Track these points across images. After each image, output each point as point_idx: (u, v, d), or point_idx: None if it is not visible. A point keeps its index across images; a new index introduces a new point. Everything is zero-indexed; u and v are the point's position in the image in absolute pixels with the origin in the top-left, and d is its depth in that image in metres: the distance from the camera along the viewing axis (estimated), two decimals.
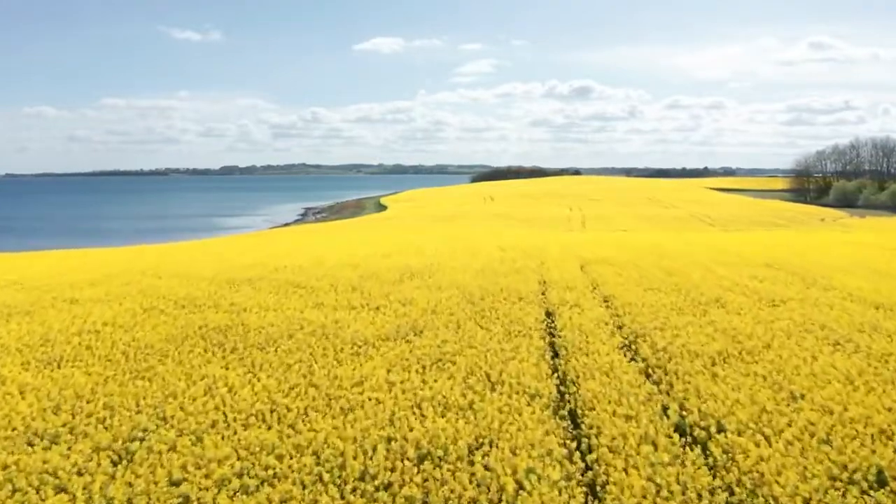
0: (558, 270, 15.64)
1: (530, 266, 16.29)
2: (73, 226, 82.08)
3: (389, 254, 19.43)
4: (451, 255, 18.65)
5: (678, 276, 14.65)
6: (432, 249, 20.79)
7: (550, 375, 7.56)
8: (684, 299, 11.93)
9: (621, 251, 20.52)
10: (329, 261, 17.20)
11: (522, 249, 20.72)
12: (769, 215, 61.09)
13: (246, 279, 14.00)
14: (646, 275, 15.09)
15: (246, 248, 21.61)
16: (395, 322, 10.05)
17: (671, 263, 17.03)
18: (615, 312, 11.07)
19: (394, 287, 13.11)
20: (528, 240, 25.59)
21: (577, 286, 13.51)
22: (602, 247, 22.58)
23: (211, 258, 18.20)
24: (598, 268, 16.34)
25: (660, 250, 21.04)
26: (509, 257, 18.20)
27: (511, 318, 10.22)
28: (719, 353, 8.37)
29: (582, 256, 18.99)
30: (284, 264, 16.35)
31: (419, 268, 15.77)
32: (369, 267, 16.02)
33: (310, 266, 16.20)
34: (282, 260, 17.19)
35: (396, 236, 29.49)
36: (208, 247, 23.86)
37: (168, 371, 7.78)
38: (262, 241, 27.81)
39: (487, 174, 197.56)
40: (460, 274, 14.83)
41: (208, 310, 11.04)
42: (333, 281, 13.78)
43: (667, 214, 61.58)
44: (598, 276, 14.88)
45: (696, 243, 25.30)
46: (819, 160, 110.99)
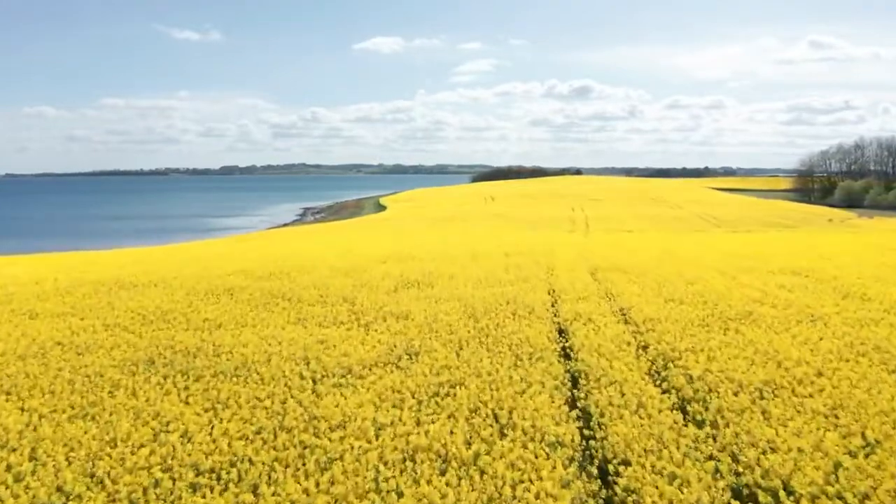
0: (568, 278, 14.42)
1: (538, 274, 15.07)
2: (71, 226, 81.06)
3: (385, 258, 18.20)
4: (451, 261, 17.42)
5: (699, 285, 13.42)
6: (431, 254, 19.57)
7: (570, 414, 6.33)
8: (711, 313, 10.70)
9: (632, 256, 19.29)
10: (320, 267, 15.97)
11: (528, 254, 19.49)
12: (775, 216, 59.80)
13: (226, 289, 12.77)
14: (663, 283, 13.87)
15: (234, 253, 20.40)
16: (388, 342, 8.82)
17: (689, 270, 15.81)
18: (636, 329, 9.84)
19: (389, 298, 11.89)
20: (534, 243, 24.37)
21: (590, 296, 12.29)
22: (611, 250, 21.35)
23: (194, 264, 16.97)
24: (610, 275, 15.11)
25: (673, 254, 19.82)
26: (514, 263, 16.97)
27: (520, 336, 8.98)
28: (766, 384, 7.14)
29: (592, 262, 17.77)
30: (271, 271, 15.12)
31: (417, 275, 14.54)
32: (363, 274, 14.80)
33: (298, 273, 14.97)
34: (269, 266, 15.96)
35: (394, 239, 28.27)
36: (195, 251, 22.65)
37: (116, 406, 6.56)
38: (253, 244, 26.60)
39: (488, 174, 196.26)
40: (461, 283, 13.61)
41: (178, 326, 9.82)
42: (322, 291, 12.55)
43: (671, 215, 60.28)
44: (612, 285, 13.65)
45: (709, 246, 24.07)
46: (823, 159, 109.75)
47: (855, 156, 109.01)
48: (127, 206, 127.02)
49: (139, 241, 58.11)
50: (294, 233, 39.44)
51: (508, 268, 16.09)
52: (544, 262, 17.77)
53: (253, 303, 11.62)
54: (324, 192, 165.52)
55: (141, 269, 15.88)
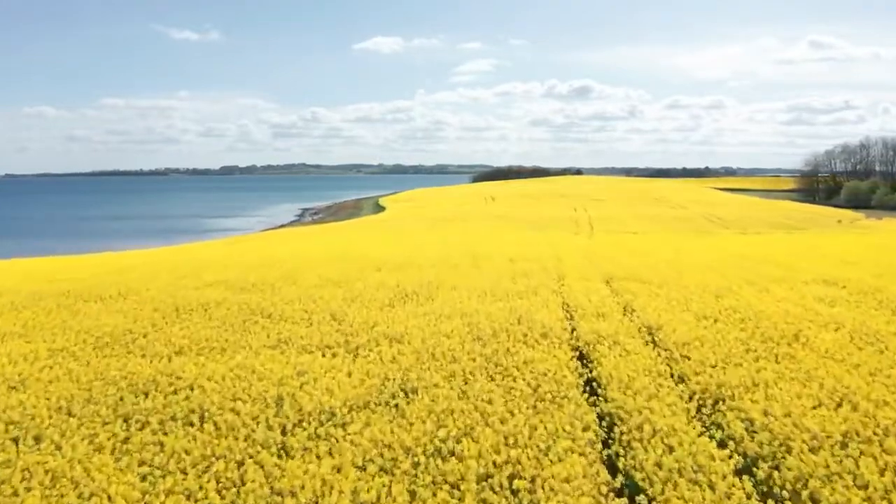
0: (582, 289, 13.01)
1: (547, 283, 13.66)
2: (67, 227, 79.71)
3: (381, 265, 16.80)
4: (452, 269, 16.02)
5: (730, 298, 12.03)
6: (431, 260, 18.17)
7: (612, 482, 4.92)
8: (752, 334, 9.30)
9: (646, 261, 17.88)
10: (308, 276, 14.57)
11: (535, 259, 18.08)
12: (782, 217, 58.40)
13: (201, 304, 11.36)
14: (689, 296, 12.48)
15: (218, 259, 19.01)
16: (379, 373, 7.42)
17: (713, 279, 14.41)
18: (669, 355, 8.44)
19: (383, 315, 10.48)
20: (539, 246, 22.97)
21: (610, 313, 10.90)
22: (622, 255, 19.94)
23: (172, 272, 15.57)
24: (628, 285, 13.71)
25: (690, 260, 18.41)
26: (521, 271, 15.57)
27: (536, 367, 7.58)
28: (846, 435, 5.75)
29: (604, 269, 16.37)
30: (253, 282, 13.72)
31: (415, 286, 13.15)
32: (355, 285, 13.40)
33: (284, 284, 13.57)
34: (252, 276, 14.56)
35: (392, 243, 26.87)
36: (178, 256, 21.25)
37: (31, 468, 5.16)
38: (242, 247, 25.20)
39: (488, 174, 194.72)
40: (464, 295, 12.21)
41: (135, 353, 8.43)
42: (308, 306, 11.14)
43: (676, 215, 58.83)
44: (632, 298, 12.25)
45: (724, 250, 22.64)
46: (828, 159, 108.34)
47: (860, 155, 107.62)
48: (124, 207, 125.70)
49: (132, 242, 56.68)
50: (288, 235, 37.92)
51: (515, 276, 14.70)
52: (553, 269, 16.38)
53: (228, 321, 10.21)
54: (323, 193, 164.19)
55: (114, 279, 14.48)
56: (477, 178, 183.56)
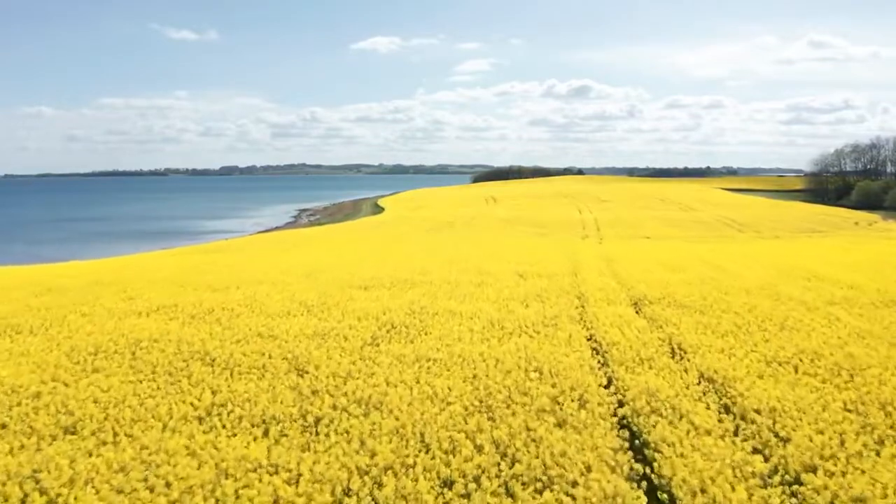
0: (611, 318, 10.54)
1: (568, 311, 11.17)
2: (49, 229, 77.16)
3: (369, 283, 14.34)
4: (451, 289, 13.55)
5: (801, 334, 9.56)
6: (427, 274, 15.70)
7: None
8: (860, 397, 6.82)
9: (679, 278, 15.37)
10: (280, 299, 12.11)
11: (547, 276, 15.59)
12: (799, 219, 55.82)
13: (131, 342, 8.87)
14: (742, 326, 10.03)
15: (179, 273, 16.53)
16: (342, 480, 4.96)
17: (765, 304, 11.93)
18: (759, 439, 5.95)
19: (358, 365, 8.01)
20: (550, 257, 20.47)
21: (654, 355, 8.44)
22: (648, 268, 17.42)
23: (111, 293, 13.08)
24: (664, 312, 11.25)
25: (729, 276, 15.91)
26: (533, 291, 13.09)
27: (573, 462, 5.11)
28: None
29: (631, 287, 13.90)
30: (210, 306, 11.25)
31: (404, 314, 10.69)
32: (332, 312, 10.93)
33: (247, 310, 11.11)
34: (212, 297, 12.09)
35: (386, 252, 24.39)
36: (128, 269, 18.70)
37: None
38: (214, 259, 22.68)
39: (489, 174, 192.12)
40: (465, 329, 9.73)
41: (5, 436, 5.96)
42: (265, 346, 8.67)
43: (689, 218, 56.23)
44: (675, 331, 9.79)
45: (759, 261, 20.11)
46: (838, 158, 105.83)
47: (871, 155, 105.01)
48: (117, 207, 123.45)
49: (113, 246, 54.32)
50: (274, 240, 35.37)
51: (527, 299, 12.22)
52: (570, 287, 13.91)
53: (157, 371, 7.75)
54: (322, 193, 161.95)
55: (37, 303, 12.01)
56: (477, 178, 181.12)
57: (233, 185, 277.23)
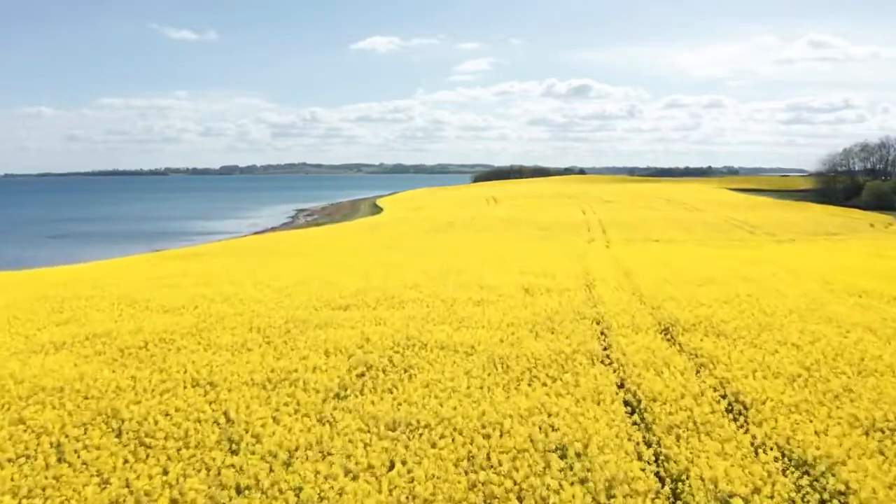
0: (641, 355, 8.44)
1: (588, 344, 9.05)
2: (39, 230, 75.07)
3: (349, 302, 12.25)
4: (445, 310, 11.44)
5: (877, 375, 7.49)
6: (419, 290, 13.61)
7: None
8: None
9: (712, 295, 13.24)
10: (235, 324, 10.01)
11: (558, 291, 13.47)
12: (812, 221, 53.62)
13: (16, 399, 6.79)
14: (810, 367, 7.94)
15: (139, 286, 14.43)
16: None
17: (827, 332, 9.83)
18: None
19: (312, 428, 5.93)
20: (558, 267, 18.34)
21: (705, 413, 6.36)
22: (669, 280, 15.29)
23: (47, 316, 11.04)
24: (703, 343, 9.16)
25: (772, 296, 13.77)
26: (544, 313, 10.97)
27: None
28: None
29: (657, 307, 11.81)
30: (149, 337, 9.16)
31: (384, 348, 8.60)
32: (297, 346, 8.84)
33: (191, 343, 9.02)
34: (154, 324, 9.99)
35: (376, 259, 22.28)
36: (92, 278, 16.61)
37: None
38: (189, 266, 20.49)
39: (489, 173, 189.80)
40: (461, 371, 7.65)
41: None
42: (197, 403, 6.58)
43: (696, 219, 54.02)
44: (727, 374, 7.70)
45: (789, 269, 17.96)
46: (846, 158, 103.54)
47: (880, 154, 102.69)
48: (113, 207, 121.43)
49: (100, 248, 52.41)
50: (263, 244, 33.22)
51: (537, 326, 10.11)
52: (585, 308, 11.80)
53: (28, 451, 5.66)
54: (321, 192, 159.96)
55: None
56: (478, 178, 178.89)
57: (233, 184, 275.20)
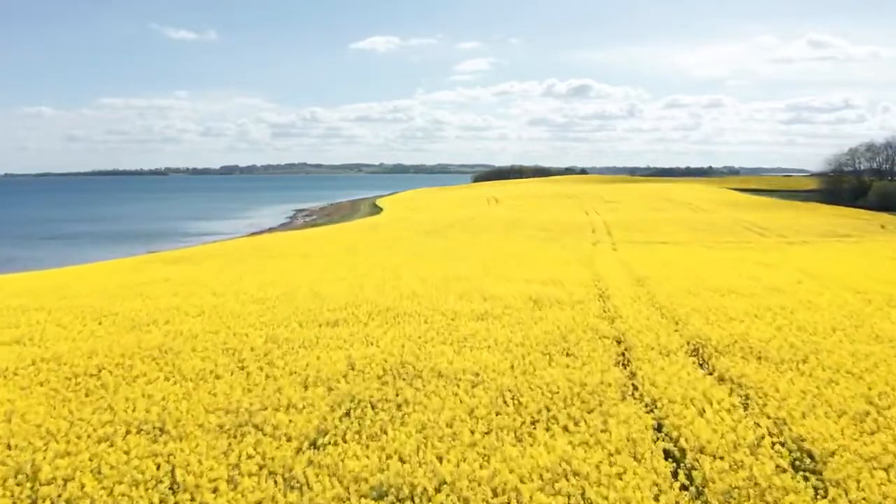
0: (677, 389, 7.18)
1: (613, 374, 7.78)
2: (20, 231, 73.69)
3: (339, 317, 10.99)
4: (445, 327, 10.17)
5: None
6: (415, 301, 12.35)
7: None
8: None
9: (732, 304, 11.97)
10: (204, 348, 8.75)
11: (570, 303, 12.19)
12: (823, 223, 52.25)
13: None
14: (878, 404, 6.68)
15: (111, 296, 13.15)
16: None
17: (882, 354, 8.57)
18: None
19: (276, 497, 4.66)
20: (567, 274, 17.04)
21: (765, 473, 5.09)
22: (690, 289, 13.98)
23: None
24: (745, 370, 7.90)
25: (795, 300, 12.50)
26: (557, 333, 9.70)
27: None
28: None
29: (682, 322, 10.55)
30: (103, 362, 7.88)
31: (373, 377, 7.34)
32: (274, 373, 7.58)
33: (151, 370, 7.75)
34: (111, 345, 8.71)
35: (372, 263, 20.98)
36: (66, 286, 15.31)
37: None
38: (174, 272, 19.11)
39: (490, 173, 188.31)
40: (464, 410, 6.41)
41: None
42: (142, 457, 5.32)
43: (703, 220, 52.70)
44: (780, 413, 6.44)
45: (815, 276, 16.65)
46: (852, 158, 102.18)
47: (886, 154, 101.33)
48: (109, 207, 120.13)
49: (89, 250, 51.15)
50: (257, 247, 31.87)
51: (550, 348, 8.84)
52: (602, 324, 10.53)
53: None
54: (321, 193, 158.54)
55: None
56: (478, 178, 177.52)
57: (233, 184, 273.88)
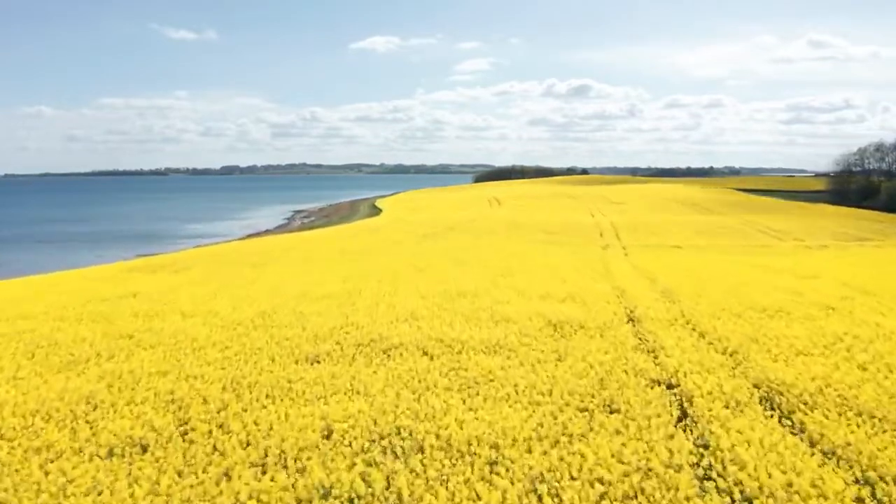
0: (764, 464, 5.24)
1: (677, 441, 5.83)
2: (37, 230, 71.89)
3: (320, 351, 9.06)
4: (449, 365, 8.23)
5: None
6: (412, 331, 10.41)
7: None
8: None
9: (784, 327, 10.02)
10: (139, 402, 6.81)
11: (597, 328, 10.21)
12: (838, 224, 50.23)
13: None
14: None
15: (45, 327, 11.24)
16: None
17: None
18: None
19: None
20: (584, 287, 15.07)
21: None
22: (731, 308, 12.00)
23: None
24: (847, 436, 5.95)
25: (859, 324, 10.53)
26: (591, 372, 7.74)
27: None
28: None
29: (745, 361, 8.59)
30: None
31: (351, 456, 5.40)
32: (224, 447, 5.66)
33: (62, 437, 5.81)
34: (19, 399, 6.80)
35: (365, 272, 18.99)
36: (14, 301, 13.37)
37: None
38: (141, 285, 17.13)
39: (491, 174, 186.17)
40: None
41: None
42: None
43: (715, 223, 50.64)
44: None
45: (862, 289, 14.68)
46: (861, 158, 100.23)
47: (894, 154, 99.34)
48: (111, 207, 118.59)
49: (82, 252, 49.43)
50: (244, 253, 29.88)
51: (587, 402, 6.89)
52: (646, 361, 8.59)
53: None
54: (321, 193, 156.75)
55: None
56: (479, 178, 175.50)
57: (233, 185, 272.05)
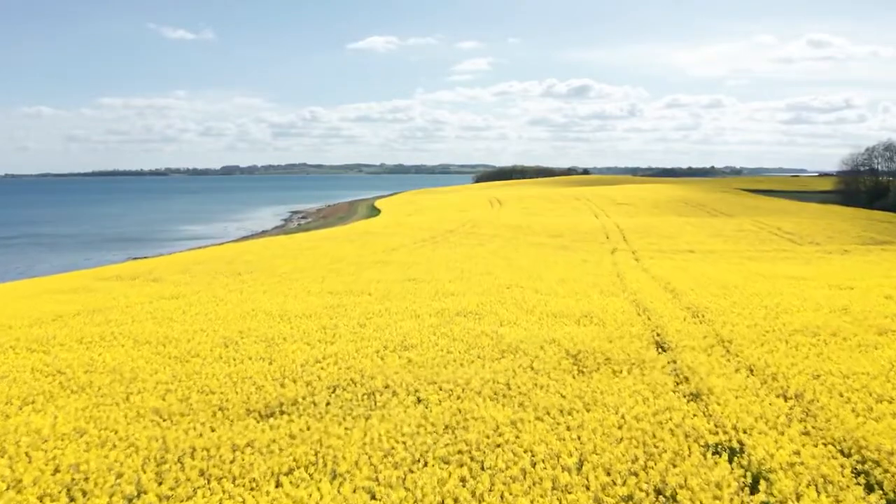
0: None
1: None
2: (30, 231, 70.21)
3: (283, 399, 7.31)
4: (448, 419, 6.47)
5: None
6: (403, 367, 8.68)
7: None
8: None
9: (854, 361, 8.29)
10: (31, 477, 5.08)
11: (624, 360, 8.46)
12: (854, 226, 48.41)
13: None
14: None
15: None
16: None
17: None
18: None
19: None
20: (601, 305, 13.30)
21: None
22: (773, 328, 10.27)
23: None
24: None
25: None
26: (627, 432, 6.00)
27: None
28: None
29: (831, 420, 6.86)
30: None
31: None
32: None
33: None
34: None
35: (353, 287, 17.23)
36: None
37: None
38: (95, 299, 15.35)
39: (492, 174, 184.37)
40: None
41: None
42: None
43: (727, 225, 48.77)
44: None
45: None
46: (869, 157, 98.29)
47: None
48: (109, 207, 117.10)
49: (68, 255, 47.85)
50: (226, 260, 28.08)
51: (630, 483, 5.15)
52: (695, 416, 6.86)
53: None
54: (321, 193, 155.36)
55: None
56: (480, 178, 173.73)
57: (233, 184, 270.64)
